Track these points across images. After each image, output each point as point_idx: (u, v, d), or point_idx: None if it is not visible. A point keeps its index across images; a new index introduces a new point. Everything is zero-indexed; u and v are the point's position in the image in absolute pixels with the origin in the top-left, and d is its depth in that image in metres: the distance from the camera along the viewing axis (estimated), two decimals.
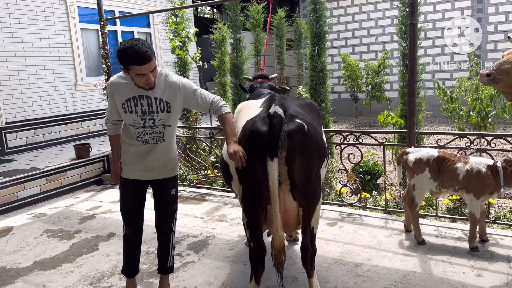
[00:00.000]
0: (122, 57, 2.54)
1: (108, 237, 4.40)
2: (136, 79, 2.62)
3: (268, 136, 2.36)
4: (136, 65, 2.50)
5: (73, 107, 8.29)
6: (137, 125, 2.77)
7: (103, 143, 7.89)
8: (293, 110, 2.57)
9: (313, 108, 2.89)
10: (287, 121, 2.44)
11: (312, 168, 2.53)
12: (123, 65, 2.58)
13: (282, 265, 2.45)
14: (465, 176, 3.53)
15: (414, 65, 4.12)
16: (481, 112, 6.29)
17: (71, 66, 8.23)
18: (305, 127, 2.45)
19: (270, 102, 2.56)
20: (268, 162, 2.33)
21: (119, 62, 2.60)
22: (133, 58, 2.48)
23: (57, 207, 5.52)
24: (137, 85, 2.66)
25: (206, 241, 4.14)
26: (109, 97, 2.83)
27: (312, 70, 5.86)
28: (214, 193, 5.73)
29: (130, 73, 2.60)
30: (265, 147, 2.37)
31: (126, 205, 3.00)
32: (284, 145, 2.35)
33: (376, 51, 12.37)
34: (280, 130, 2.35)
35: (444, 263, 3.45)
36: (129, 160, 2.89)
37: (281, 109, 2.44)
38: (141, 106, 2.73)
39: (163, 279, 3.15)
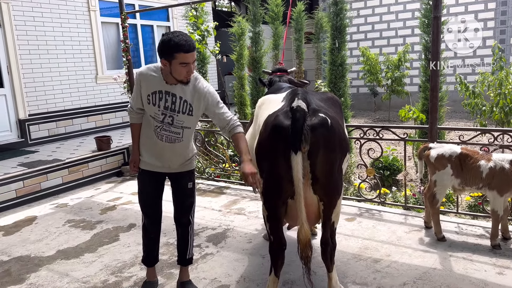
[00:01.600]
0: (168, 45, 2.52)
1: (128, 228, 4.47)
2: (178, 69, 2.58)
3: (291, 130, 2.36)
4: (182, 52, 2.50)
5: (94, 100, 8.42)
6: (157, 118, 2.78)
7: (123, 135, 8.00)
8: (316, 104, 2.56)
9: (335, 102, 2.88)
10: (310, 115, 2.44)
11: (334, 163, 2.53)
12: (167, 54, 2.54)
13: (309, 259, 2.46)
14: (488, 173, 3.47)
15: (438, 59, 4.05)
16: (504, 108, 6.14)
17: (92, 59, 8.35)
18: (328, 121, 2.44)
19: (293, 96, 2.56)
20: (292, 156, 2.33)
21: (160, 54, 2.58)
22: (181, 45, 2.49)
23: (79, 198, 5.63)
24: (176, 77, 2.64)
25: (224, 233, 4.18)
26: (135, 85, 2.83)
27: (331, 64, 5.81)
28: (232, 186, 5.77)
29: (173, 63, 2.55)
30: (287, 141, 2.37)
31: (144, 196, 3.03)
32: (308, 139, 2.35)
33: (396, 45, 12.18)
34: (303, 124, 2.35)
35: (465, 260, 3.41)
36: (146, 154, 2.92)
37: (304, 103, 2.44)
38: (165, 101, 2.72)
39: (182, 270, 3.19)
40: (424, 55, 5.27)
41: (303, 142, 2.34)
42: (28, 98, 7.32)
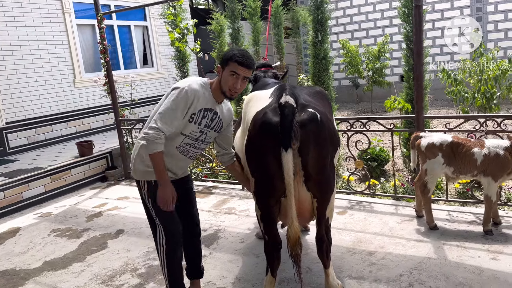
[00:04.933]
0: (228, 53, 2.58)
1: (116, 234, 4.36)
2: (226, 78, 2.56)
3: (280, 126, 2.30)
4: (237, 62, 2.52)
5: (73, 104, 8.21)
6: (191, 136, 2.62)
7: (105, 139, 7.83)
8: (304, 99, 2.51)
9: (323, 96, 2.83)
10: (299, 111, 2.38)
11: (326, 158, 2.48)
12: (224, 60, 2.58)
13: (299, 257, 2.41)
14: (483, 160, 3.48)
15: (421, 47, 4.05)
16: (486, 94, 6.22)
17: (69, 63, 8.13)
18: (317, 116, 2.39)
19: (281, 91, 2.50)
20: (282, 154, 2.27)
21: (220, 61, 2.61)
22: (238, 56, 2.52)
23: (63, 206, 5.48)
24: (221, 86, 2.60)
25: (216, 234, 4.10)
26: (181, 103, 2.47)
27: (314, 58, 5.77)
28: (220, 185, 5.69)
29: (225, 69, 2.56)
30: (277, 138, 2.31)
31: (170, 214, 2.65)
32: (297, 136, 2.29)
33: (375, 36, 12.24)
34: (292, 120, 2.29)
35: (459, 247, 3.42)
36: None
37: (292, 99, 2.38)
38: (207, 119, 2.63)
39: (195, 283, 3.05)
40: (406, 45, 5.26)
41: (292, 139, 2.28)
42: (4, 106, 7.08)
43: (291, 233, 2.35)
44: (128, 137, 6.50)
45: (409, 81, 5.23)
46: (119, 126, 6.40)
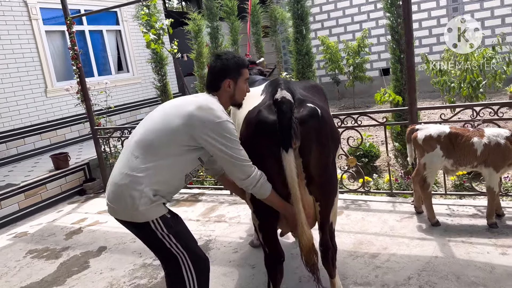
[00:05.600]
0: (235, 61, 2.30)
1: (98, 252, 4.04)
2: (242, 87, 2.34)
3: (278, 125, 2.06)
4: (245, 67, 2.34)
5: (46, 115, 7.79)
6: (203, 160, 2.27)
7: (81, 150, 7.45)
8: (300, 94, 2.28)
9: (319, 90, 2.61)
10: (297, 106, 2.15)
11: (328, 157, 2.26)
12: (235, 71, 2.29)
13: (316, 267, 2.18)
14: (483, 150, 3.31)
15: (411, 36, 3.88)
16: (472, 83, 6.13)
17: (39, 72, 7.71)
18: (318, 112, 2.16)
19: (275, 87, 2.26)
20: (282, 155, 2.04)
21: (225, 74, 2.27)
22: (244, 60, 2.33)
23: (39, 224, 5.11)
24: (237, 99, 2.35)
25: (206, 245, 3.84)
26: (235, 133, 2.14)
27: (297, 54, 5.58)
28: (207, 192, 5.41)
29: (239, 80, 2.30)
30: (275, 138, 2.08)
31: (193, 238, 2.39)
32: (298, 134, 2.05)
33: (353, 31, 12.15)
34: (291, 117, 2.06)
35: (465, 243, 3.25)
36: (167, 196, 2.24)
37: (289, 94, 2.15)
38: None
39: None
40: (391, 36, 5.09)
41: (293, 137, 2.05)
42: None
43: (304, 240, 2.11)
44: (105, 147, 6.15)
45: (397, 73, 5.06)
46: (95, 135, 6.05)
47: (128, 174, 2.09)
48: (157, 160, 2.10)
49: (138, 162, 2.10)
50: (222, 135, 2.07)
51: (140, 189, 2.06)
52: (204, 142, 2.08)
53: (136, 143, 2.17)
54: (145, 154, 2.11)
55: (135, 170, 2.09)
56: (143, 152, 2.12)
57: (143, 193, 2.06)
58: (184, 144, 2.10)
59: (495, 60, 6.09)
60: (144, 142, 2.14)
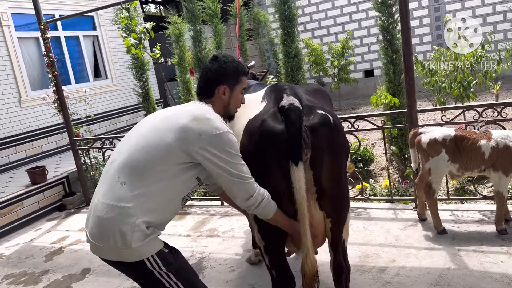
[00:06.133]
0: (235, 67, 2.06)
1: (82, 274, 3.73)
2: (238, 97, 2.12)
3: (287, 135, 1.82)
4: (245, 75, 2.14)
5: (21, 126, 7.36)
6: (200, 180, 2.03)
7: (59, 162, 7.06)
8: (307, 99, 2.05)
9: (324, 95, 2.38)
10: (306, 114, 1.92)
11: (341, 169, 2.03)
12: (234, 77, 2.06)
13: None
14: (491, 153, 3.14)
15: (409, 36, 3.71)
16: (462, 82, 6.02)
17: (12, 81, 7.29)
18: (330, 119, 1.93)
19: (279, 92, 2.03)
20: (291, 169, 1.80)
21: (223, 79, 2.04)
22: (244, 67, 2.12)
23: (16, 245, 4.74)
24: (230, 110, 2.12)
25: (200, 264, 3.56)
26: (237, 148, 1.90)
27: (286, 56, 5.36)
28: (196, 203, 5.13)
29: (236, 88, 2.08)
30: (283, 150, 1.84)
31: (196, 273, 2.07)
32: (308, 144, 1.82)
33: (335, 33, 12.06)
34: (301, 125, 1.82)
35: (476, 253, 3.07)
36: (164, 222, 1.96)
37: (296, 100, 1.91)
38: None
39: None
40: (382, 36, 4.93)
41: (303, 148, 1.81)
42: None
43: (308, 266, 1.87)
44: (85, 158, 5.81)
45: (390, 74, 4.91)
46: (75, 147, 5.70)
47: (114, 205, 1.78)
48: (149, 185, 1.80)
49: (125, 189, 1.79)
50: (221, 148, 1.81)
51: (131, 222, 1.75)
52: (201, 157, 1.81)
53: (120, 165, 1.85)
54: (133, 179, 1.81)
55: (123, 200, 1.78)
56: (130, 177, 1.81)
57: (135, 227, 1.75)
58: (178, 162, 1.82)
59: (486, 59, 6.00)
60: (130, 164, 1.83)
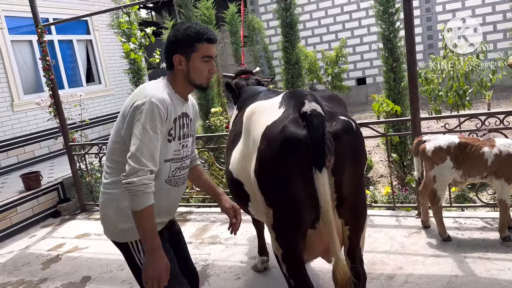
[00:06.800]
0: (187, 34, 1.88)
1: (82, 283, 3.64)
2: (199, 67, 1.93)
3: (310, 141, 1.81)
4: (207, 42, 1.91)
5: (12, 131, 7.23)
6: (176, 157, 1.98)
7: (53, 167, 6.94)
8: (327, 105, 2.04)
9: (340, 102, 2.38)
10: (328, 120, 1.91)
11: (362, 176, 2.03)
12: (186, 45, 1.89)
13: None
14: (494, 161, 3.18)
15: (413, 44, 3.74)
16: (458, 91, 6.10)
17: (4, 84, 7.16)
18: (353, 125, 1.93)
19: (299, 98, 2.01)
20: (315, 175, 1.78)
21: (174, 48, 1.91)
22: (204, 33, 1.90)
23: (11, 252, 4.62)
24: (194, 81, 1.95)
25: (204, 271, 3.52)
26: (158, 125, 1.81)
27: (286, 63, 5.39)
28: (195, 210, 5.08)
29: (193, 58, 1.90)
30: (306, 157, 1.82)
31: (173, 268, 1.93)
32: (332, 150, 1.81)
33: (329, 41, 12.16)
34: (324, 131, 1.81)
35: (482, 260, 3.09)
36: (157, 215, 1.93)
37: (318, 106, 1.90)
38: (183, 127, 2.00)
39: None
40: (383, 45, 4.98)
41: (327, 155, 1.80)
42: None
43: (340, 273, 1.84)
44: (80, 164, 5.72)
45: (390, 82, 4.96)
46: (70, 152, 5.61)
47: (103, 191, 2.00)
48: (119, 166, 1.88)
49: (107, 176, 1.98)
50: (126, 116, 1.85)
51: (114, 206, 1.93)
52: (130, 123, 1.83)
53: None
54: (108, 163, 1.97)
55: (105, 185, 1.98)
56: (107, 162, 1.99)
57: (118, 211, 1.92)
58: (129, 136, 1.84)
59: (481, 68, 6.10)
60: (107, 151, 2.01)
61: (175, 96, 1.96)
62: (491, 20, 10.53)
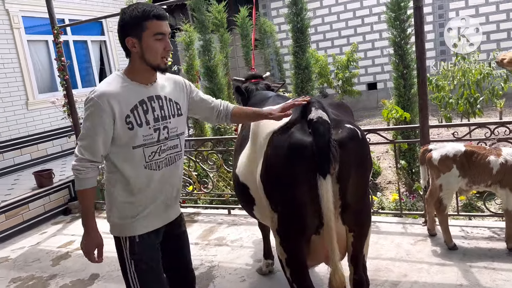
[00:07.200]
0: (134, 15, 1.86)
1: (91, 280, 3.71)
2: (152, 46, 1.88)
3: (316, 148, 1.85)
4: (156, 19, 1.86)
5: (27, 129, 7.37)
6: (149, 142, 1.96)
7: (65, 166, 7.06)
8: (333, 113, 2.07)
9: (348, 110, 2.41)
10: (334, 127, 1.94)
11: (367, 183, 2.06)
12: (134, 26, 1.87)
13: None
14: (499, 170, 3.17)
15: (423, 50, 3.74)
16: (469, 99, 6.09)
17: (20, 83, 7.31)
18: (358, 133, 1.96)
19: (305, 105, 2.05)
20: (319, 182, 1.82)
21: (125, 32, 1.90)
22: (150, 11, 1.86)
23: (22, 248, 4.72)
24: (150, 61, 1.91)
25: (210, 273, 3.56)
26: (96, 119, 1.87)
27: (296, 68, 5.43)
28: (202, 211, 5.13)
29: (144, 37, 1.87)
30: (310, 163, 1.86)
31: (157, 278, 2.06)
32: (337, 157, 1.84)
33: (340, 46, 12.15)
34: (329, 139, 1.85)
35: (488, 269, 3.08)
36: (144, 207, 2.01)
37: (325, 113, 1.94)
38: (153, 111, 1.96)
39: None
40: (394, 51, 5.00)
41: (332, 162, 1.83)
42: None
43: (335, 281, 1.88)
44: None
45: (400, 88, 4.97)
46: None
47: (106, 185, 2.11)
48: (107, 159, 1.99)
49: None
50: (85, 107, 1.90)
51: (111, 200, 2.03)
52: None
53: None
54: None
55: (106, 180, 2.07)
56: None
57: (109, 204, 2.04)
58: None
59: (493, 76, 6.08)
60: None
61: (132, 85, 1.95)
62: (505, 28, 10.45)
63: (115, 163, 1.96)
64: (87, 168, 1.90)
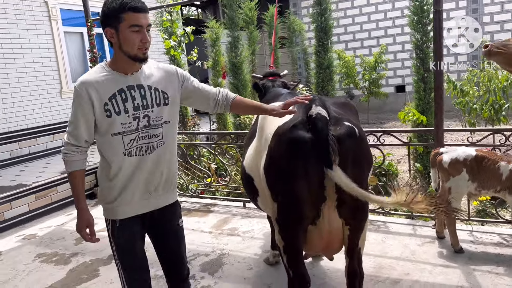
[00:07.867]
0: (111, 7, 1.93)
1: (109, 259, 3.95)
2: (129, 37, 1.94)
3: (315, 142, 1.97)
4: (131, 11, 1.91)
5: (59, 116, 7.76)
6: (128, 130, 2.02)
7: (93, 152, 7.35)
8: (334, 111, 2.18)
9: (352, 109, 2.51)
10: (333, 124, 2.05)
11: (364, 179, 2.16)
12: (112, 18, 1.94)
13: None
14: (508, 176, 3.19)
15: (441, 54, 3.76)
16: (494, 105, 6.00)
17: (55, 72, 7.71)
18: (356, 131, 2.07)
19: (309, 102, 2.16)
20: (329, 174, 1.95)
21: (104, 23, 1.98)
22: (127, 3, 1.90)
23: (49, 227, 5.04)
24: (128, 52, 1.97)
25: (220, 260, 3.73)
26: (76, 108, 2.00)
27: (318, 67, 5.51)
28: (219, 203, 5.31)
29: (121, 29, 1.93)
30: (310, 157, 1.98)
31: (132, 258, 2.20)
32: (336, 150, 1.96)
33: (369, 47, 12.09)
34: (327, 134, 1.96)
35: (491, 274, 3.11)
36: (120, 192, 2.09)
37: (324, 110, 2.05)
38: (133, 100, 2.02)
39: None
40: (415, 54, 5.01)
41: (331, 154, 1.95)
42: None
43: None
44: None
45: (420, 91, 4.99)
46: None
47: None
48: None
49: None
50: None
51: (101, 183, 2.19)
52: None
53: None
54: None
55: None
56: None
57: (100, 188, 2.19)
58: None
59: None
60: None
61: (112, 74, 2.02)
62: None
63: (100, 149, 2.10)
64: (73, 152, 2.04)
